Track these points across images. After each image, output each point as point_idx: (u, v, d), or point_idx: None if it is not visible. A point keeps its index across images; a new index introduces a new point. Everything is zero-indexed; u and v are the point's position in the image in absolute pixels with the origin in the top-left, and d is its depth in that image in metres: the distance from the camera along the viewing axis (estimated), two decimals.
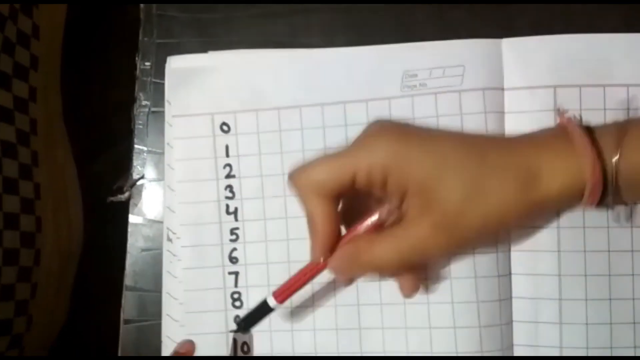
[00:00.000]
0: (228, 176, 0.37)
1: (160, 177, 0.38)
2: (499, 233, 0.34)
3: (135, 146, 0.39)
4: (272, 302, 0.33)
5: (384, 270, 0.31)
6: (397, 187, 0.30)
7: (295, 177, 0.31)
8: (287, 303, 0.36)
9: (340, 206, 0.32)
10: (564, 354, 0.34)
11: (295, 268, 0.35)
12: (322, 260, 0.31)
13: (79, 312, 0.55)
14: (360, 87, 0.37)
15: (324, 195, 0.30)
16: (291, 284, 0.33)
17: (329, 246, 0.31)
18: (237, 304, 0.37)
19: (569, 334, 0.34)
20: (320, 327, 0.36)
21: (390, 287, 0.35)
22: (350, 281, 0.35)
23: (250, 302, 0.36)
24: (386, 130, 0.30)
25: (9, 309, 0.45)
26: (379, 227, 0.31)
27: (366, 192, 0.31)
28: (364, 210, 0.31)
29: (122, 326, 0.38)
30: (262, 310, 0.34)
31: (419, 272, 0.34)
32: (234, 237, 0.37)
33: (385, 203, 0.31)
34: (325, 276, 0.34)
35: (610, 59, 0.35)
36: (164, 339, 0.37)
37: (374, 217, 0.30)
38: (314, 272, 0.32)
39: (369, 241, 0.30)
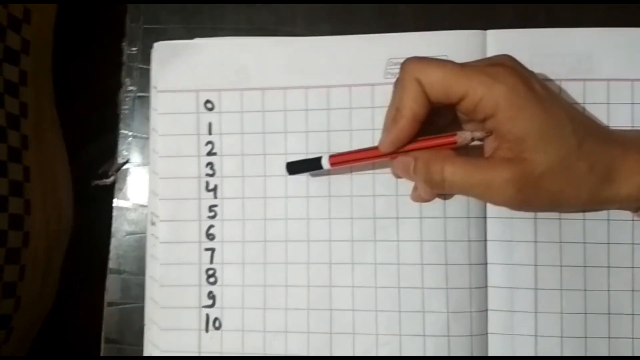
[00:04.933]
0: (209, 153, 0.39)
1: (145, 162, 0.40)
2: (552, 210, 0.35)
3: (121, 131, 0.40)
4: (325, 163, 0.35)
5: (438, 187, 0.32)
6: (497, 127, 0.31)
7: (410, 63, 0.31)
8: (261, 281, 0.38)
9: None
10: (539, 343, 0.36)
11: (272, 247, 0.38)
12: (386, 152, 0.33)
13: (64, 295, 0.56)
14: (344, 73, 0.38)
15: (425, 93, 0.31)
16: (348, 157, 0.35)
17: (401, 142, 0.32)
18: (212, 280, 0.38)
19: (544, 323, 0.36)
20: (292, 307, 0.38)
21: (362, 271, 0.37)
22: (397, 176, 0.37)
23: (225, 279, 0.38)
24: (516, 71, 0.30)
25: None
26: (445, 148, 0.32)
27: (453, 113, 0.33)
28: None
29: (105, 308, 0.39)
30: (313, 163, 0.36)
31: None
32: (212, 214, 0.38)
33: (463, 129, 0.32)
34: (301, 256, 0.37)
35: (592, 54, 0.37)
36: (146, 321, 0.39)
37: (454, 138, 0.32)
38: (372, 156, 0.34)
39: (445, 156, 0.31)
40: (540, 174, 0.30)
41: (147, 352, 0.39)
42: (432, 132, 0.33)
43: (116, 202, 0.40)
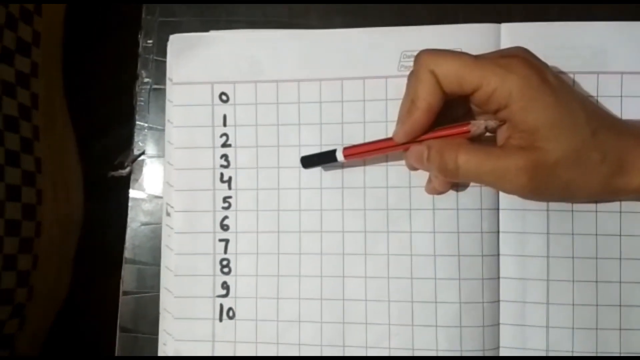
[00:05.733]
0: (224, 145, 0.40)
1: (161, 154, 0.41)
2: (563, 200, 0.36)
3: (137, 122, 0.41)
4: (339, 155, 0.36)
5: (452, 175, 0.33)
6: (510, 117, 0.31)
7: (424, 55, 0.32)
8: (275, 271, 0.39)
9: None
10: (550, 334, 0.36)
11: (285, 238, 0.39)
12: (400, 142, 0.34)
13: (81, 284, 0.57)
14: (357, 65, 0.39)
15: (440, 84, 0.31)
16: (361, 149, 0.36)
17: (416, 133, 0.33)
18: (226, 270, 0.39)
19: (555, 314, 0.37)
20: (305, 297, 0.38)
21: (374, 262, 0.38)
22: (411, 168, 0.38)
23: (239, 269, 0.39)
24: (529, 62, 0.31)
25: (10, 279, 0.47)
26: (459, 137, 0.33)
27: (467, 105, 0.34)
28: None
29: (121, 298, 0.40)
30: (327, 156, 0.37)
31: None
32: (226, 205, 0.39)
33: (476, 119, 0.33)
34: (314, 246, 0.38)
35: (605, 47, 0.37)
36: (161, 311, 0.40)
37: (467, 127, 0.32)
38: (386, 147, 0.35)
39: (459, 144, 0.32)
40: (553, 163, 0.31)
41: (161, 341, 0.40)
42: (445, 124, 0.33)
43: (132, 193, 0.41)
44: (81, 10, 0.60)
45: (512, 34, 0.37)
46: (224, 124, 0.40)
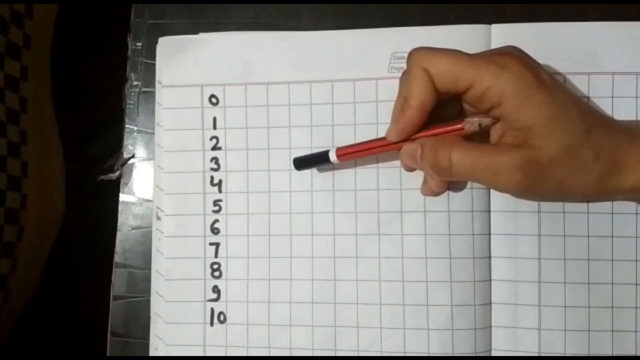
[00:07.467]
0: (214, 148, 0.40)
1: (151, 157, 0.41)
2: (557, 199, 0.37)
3: (126, 126, 0.42)
4: (332, 156, 0.37)
5: (445, 173, 0.33)
6: (504, 115, 0.32)
7: (417, 53, 0.33)
8: (266, 275, 0.39)
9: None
10: (543, 336, 0.37)
11: (276, 241, 0.39)
12: (393, 141, 0.34)
13: (71, 289, 0.58)
14: (348, 67, 0.39)
15: (433, 82, 0.32)
16: (355, 148, 0.36)
17: (409, 132, 0.34)
18: (217, 274, 0.39)
19: (547, 316, 0.37)
20: (297, 300, 0.39)
21: (366, 265, 0.38)
22: (407, 169, 0.38)
23: (230, 273, 0.40)
24: (523, 60, 0.31)
25: None
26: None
27: (460, 105, 0.34)
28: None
29: (112, 302, 0.41)
30: (320, 158, 0.38)
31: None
32: (216, 208, 0.40)
33: (469, 117, 0.33)
34: (305, 250, 0.39)
35: (597, 48, 0.37)
36: (152, 315, 0.40)
37: (461, 125, 0.33)
38: (379, 146, 0.36)
39: (452, 141, 0.33)
40: (547, 161, 0.31)
41: (152, 346, 0.40)
42: (438, 124, 0.34)
43: (122, 197, 0.41)
44: (70, 12, 0.60)
45: (503, 35, 0.38)
46: (214, 127, 0.40)
